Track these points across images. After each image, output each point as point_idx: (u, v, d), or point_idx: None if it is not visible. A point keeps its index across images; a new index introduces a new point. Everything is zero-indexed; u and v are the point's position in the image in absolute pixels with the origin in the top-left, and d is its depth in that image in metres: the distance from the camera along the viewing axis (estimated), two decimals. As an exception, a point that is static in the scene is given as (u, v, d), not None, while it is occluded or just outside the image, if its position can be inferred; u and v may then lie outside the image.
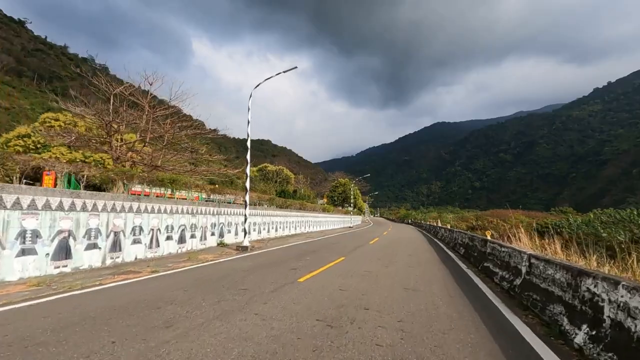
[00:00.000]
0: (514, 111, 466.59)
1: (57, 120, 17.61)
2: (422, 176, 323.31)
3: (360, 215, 73.65)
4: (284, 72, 14.60)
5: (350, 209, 52.85)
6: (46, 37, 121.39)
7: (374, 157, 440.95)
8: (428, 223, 44.08)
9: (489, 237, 11.60)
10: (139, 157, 15.94)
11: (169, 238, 11.96)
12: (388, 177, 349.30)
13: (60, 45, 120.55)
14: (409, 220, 70.00)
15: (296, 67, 14.90)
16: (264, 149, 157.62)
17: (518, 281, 6.57)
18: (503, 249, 8.23)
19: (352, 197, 56.56)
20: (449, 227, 26.13)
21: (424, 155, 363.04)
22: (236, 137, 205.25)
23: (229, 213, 16.50)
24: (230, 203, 17.73)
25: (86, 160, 15.09)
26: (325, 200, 61.18)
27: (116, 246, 9.62)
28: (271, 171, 39.99)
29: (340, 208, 45.58)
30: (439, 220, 42.92)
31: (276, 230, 22.24)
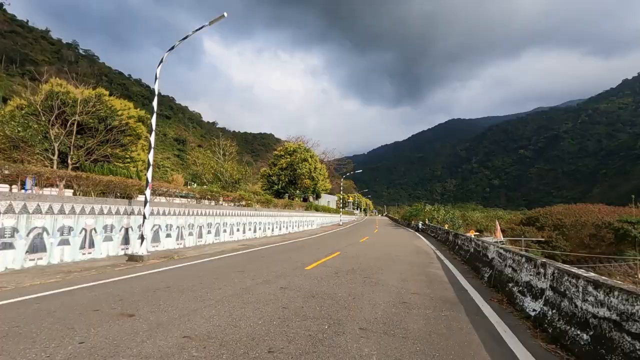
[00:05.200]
0: (533, 107, 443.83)
1: None
2: (436, 174, 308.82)
3: (323, 213, 38.33)
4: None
5: (304, 202, 30.54)
6: (27, 20, 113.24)
7: (386, 155, 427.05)
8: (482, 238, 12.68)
9: None
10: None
11: None
12: (400, 175, 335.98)
13: (41, 29, 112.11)
14: (419, 224, 35.52)
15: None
16: (266, 143, 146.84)
17: None
18: None
19: (306, 174, 30.80)
20: None
21: (438, 153, 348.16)
22: (237, 131, 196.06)
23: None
24: None
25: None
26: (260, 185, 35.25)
27: None
28: (69, 99, 14.73)
29: (283, 200, 26.22)
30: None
31: None
